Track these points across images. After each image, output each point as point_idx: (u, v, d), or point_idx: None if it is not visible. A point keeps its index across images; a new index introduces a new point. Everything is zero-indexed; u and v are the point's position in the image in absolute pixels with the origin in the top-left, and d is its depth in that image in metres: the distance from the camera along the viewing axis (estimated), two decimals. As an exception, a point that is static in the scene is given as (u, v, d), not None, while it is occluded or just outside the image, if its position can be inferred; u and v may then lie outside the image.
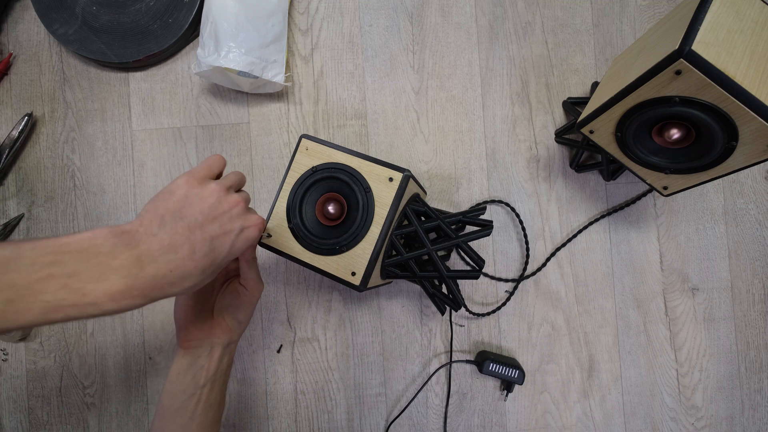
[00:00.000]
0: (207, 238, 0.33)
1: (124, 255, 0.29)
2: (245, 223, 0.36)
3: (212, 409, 0.42)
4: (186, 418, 0.40)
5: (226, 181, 0.37)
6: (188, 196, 0.34)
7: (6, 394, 0.58)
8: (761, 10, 0.42)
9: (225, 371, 0.44)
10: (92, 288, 0.28)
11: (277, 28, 0.57)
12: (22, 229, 0.59)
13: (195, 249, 0.32)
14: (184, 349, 0.42)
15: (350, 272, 0.43)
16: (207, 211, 0.34)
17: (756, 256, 0.63)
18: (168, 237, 0.31)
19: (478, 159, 0.62)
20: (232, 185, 0.38)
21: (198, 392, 0.41)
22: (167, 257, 0.31)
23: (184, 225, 0.32)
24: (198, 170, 0.36)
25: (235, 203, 0.36)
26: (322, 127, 0.62)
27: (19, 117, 0.59)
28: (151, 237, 0.31)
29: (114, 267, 0.29)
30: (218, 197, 0.35)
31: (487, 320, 0.62)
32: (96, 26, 0.58)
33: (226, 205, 0.35)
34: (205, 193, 0.34)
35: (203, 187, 0.35)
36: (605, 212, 0.63)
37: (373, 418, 0.60)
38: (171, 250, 0.31)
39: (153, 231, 0.31)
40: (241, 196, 0.38)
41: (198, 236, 0.33)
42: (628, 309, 0.62)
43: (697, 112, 0.40)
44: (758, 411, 0.63)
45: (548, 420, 0.62)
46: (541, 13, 0.63)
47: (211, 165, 0.38)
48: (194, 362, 0.41)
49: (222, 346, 0.43)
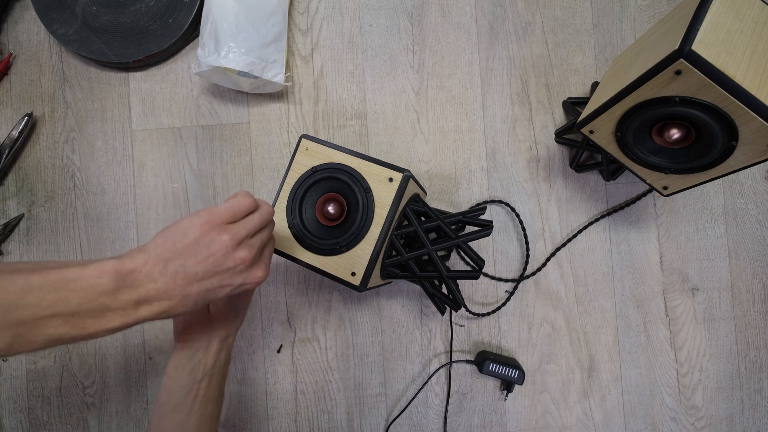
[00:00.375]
0: (203, 291, 0.34)
1: (124, 297, 0.31)
2: (246, 279, 0.36)
3: (210, 404, 0.42)
4: (184, 413, 0.40)
5: (241, 231, 0.35)
6: (198, 243, 0.33)
7: (6, 394, 0.59)
8: (761, 10, 0.42)
9: (223, 366, 0.44)
10: (91, 324, 0.30)
11: (277, 28, 0.57)
12: (22, 229, 0.59)
13: (188, 299, 0.34)
14: (181, 344, 0.42)
15: (350, 272, 0.43)
16: (210, 267, 0.34)
17: (756, 256, 0.63)
18: (165, 286, 0.33)
19: (478, 159, 0.62)
20: (248, 234, 0.36)
21: (195, 387, 0.41)
22: (161, 303, 0.33)
23: (183, 276, 0.33)
24: (219, 213, 0.35)
25: (241, 261, 0.35)
26: (322, 127, 0.62)
27: (19, 117, 0.59)
28: (150, 282, 0.32)
29: (114, 308, 0.31)
30: (226, 253, 0.34)
31: (487, 320, 0.62)
32: (96, 26, 0.58)
33: (231, 263, 0.34)
34: (214, 246, 0.34)
35: (216, 236, 0.34)
36: (605, 212, 0.63)
37: (373, 418, 0.60)
38: (166, 298, 0.33)
39: (154, 277, 0.32)
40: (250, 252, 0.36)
41: (194, 289, 0.34)
42: (628, 309, 0.62)
43: (697, 112, 0.40)
44: (758, 411, 0.63)
45: (548, 420, 0.62)
46: (541, 13, 0.63)
47: (236, 211, 0.36)
48: (192, 357, 0.41)
49: (219, 340, 0.43)
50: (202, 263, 0.33)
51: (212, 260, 0.34)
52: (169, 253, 0.33)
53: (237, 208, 0.36)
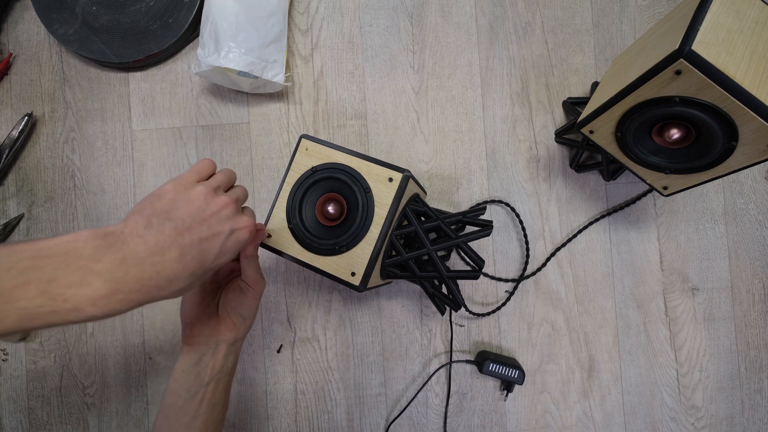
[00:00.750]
0: (195, 240, 0.32)
1: (107, 258, 0.28)
2: (235, 225, 0.36)
3: (216, 408, 0.42)
4: (190, 416, 0.40)
5: (212, 182, 0.36)
6: (175, 199, 0.33)
7: (6, 394, 0.59)
8: (761, 10, 0.42)
9: (230, 370, 0.44)
10: (73, 293, 0.26)
11: (277, 28, 0.57)
12: (22, 229, 0.59)
13: (183, 252, 0.31)
14: (189, 346, 0.41)
15: (350, 272, 0.43)
16: (195, 214, 0.33)
17: (756, 256, 0.63)
18: (154, 238, 0.30)
19: (478, 159, 0.62)
20: (220, 185, 0.37)
21: (202, 390, 0.41)
22: (153, 259, 0.30)
23: (171, 227, 0.31)
24: (185, 175, 0.36)
25: (223, 205, 0.35)
26: (322, 127, 0.62)
27: (19, 117, 0.59)
28: (136, 238, 0.30)
29: (96, 271, 0.27)
30: (205, 199, 0.34)
31: (487, 320, 0.62)
32: (96, 26, 0.58)
33: (215, 207, 0.34)
34: (192, 196, 0.34)
35: (190, 190, 0.34)
36: (605, 212, 0.63)
37: (373, 418, 0.60)
38: (158, 252, 0.30)
39: (139, 232, 0.30)
40: (230, 197, 0.37)
41: (186, 239, 0.32)
42: (628, 309, 0.62)
43: (697, 112, 0.40)
44: (758, 411, 0.63)
45: (548, 420, 0.62)
46: (541, 13, 0.63)
47: (199, 170, 0.37)
48: (199, 360, 0.41)
49: (227, 344, 0.42)
50: (185, 212, 0.33)
51: (195, 207, 0.33)
52: (148, 211, 0.32)
53: (199, 168, 0.37)
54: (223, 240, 0.34)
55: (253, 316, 0.45)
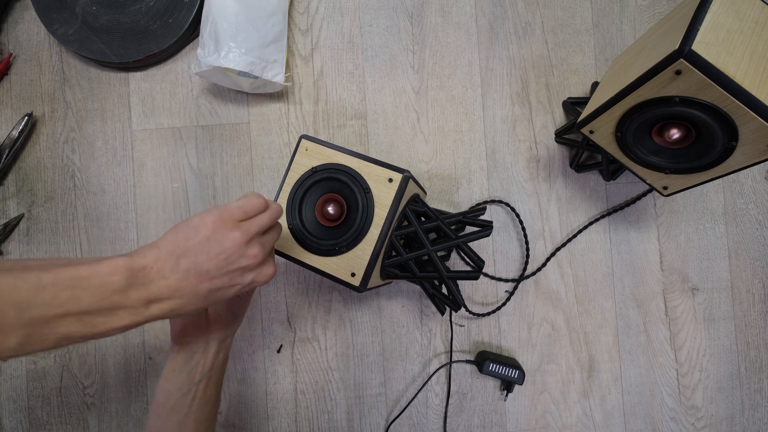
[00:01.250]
0: (213, 289, 0.34)
1: (135, 295, 0.31)
2: (256, 278, 0.36)
3: (208, 405, 0.42)
4: (182, 414, 0.40)
5: (252, 228, 0.36)
6: (210, 240, 0.33)
7: (6, 394, 0.59)
8: (761, 10, 0.42)
9: (220, 367, 0.44)
10: (102, 322, 0.30)
11: (277, 28, 0.57)
12: (22, 229, 0.59)
13: (198, 297, 0.34)
14: (179, 346, 0.41)
15: (350, 273, 0.43)
16: (222, 264, 0.34)
17: (756, 256, 0.63)
18: (177, 283, 0.33)
19: (478, 159, 0.62)
20: (260, 230, 0.36)
21: (194, 389, 0.41)
22: (172, 301, 0.33)
23: (195, 273, 0.33)
24: (231, 212, 0.35)
25: (253, 258, 0.35)
26: (322, 127, 0.62)
27: (19, 117, 0.59)
28: (161, 280, 0.32)
29: (125, 306, 0.31)
30: (238, 250, 0.34)
31: (487, 320, 0.62)
32: (96, 26, 0.58)
33: (244, 261, 0.35)
34: (226, 243, 0.34)
35: (228, 233, 0.34)
36: (605, 212, 0.63)
37: (373, 418, 0.60)
38: (176, 296, 0.33)
39: (165, 274, 0.32)
40: (262, 249, 0.36)
41: (204, 287, 0.34)
42: (628, 309, 0.62)
43: (697, 112, 0.40)
44: (758, 411, 0.63)
45: (548, 420, 0.62)
46: (541, 13, 0.63)
47: (247, 210, 0.36)
48: (190, 359, 0.41)
49: (218, 342, 0.42)
50: (213, 260, 0.33)
51: (224, 257, 0.34)
52: (180, 249, 0.33)
53: (249, 207, 0.36)
54: (239, 289, 0.36)
55: (243, 313, 0.45)
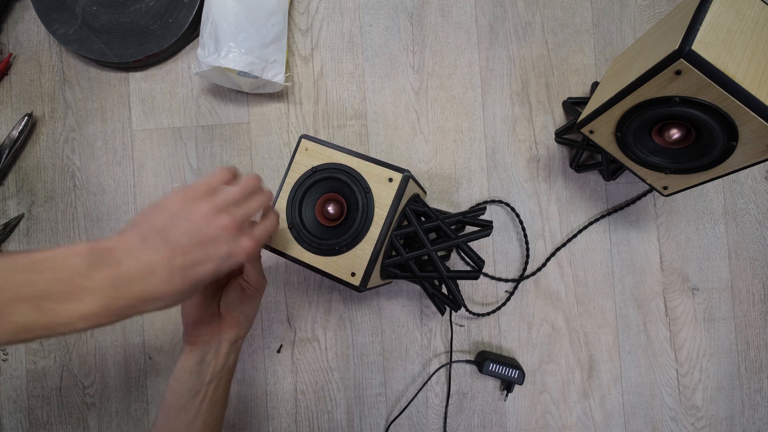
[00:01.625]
0: (187, 262, 0.31)
1: (99, 276, 0.28)
2: (232, 249, 0.34)
3: (217, 406, 0.42)
4: (191, 415, 0.40)
5: (219, 199, 0.34)
6: (176, 214, 0.32)
7: (6, 394, 0.59)
8: (761, 10, 0.42)
9: (230, 368, 0.44)
10: (64, 309, 0.27)
11: (277, 28, 0.57)
12: (22, 229, 0.59)
13: (173, 273, 0.31)
14: (192, 346, 0.41)
15: (350, 273, 0.43)
16: (192, 234, 0.32)
17: (756, 256, 0.63)
18: (146, 259, 0.30)
19: (478, 159, 0.62)
20: (228, 201, 0.35)
21: (204, 389, 0.41)
22: (143, 279, 0.30)
23: (165, 247, 0.31)
24: (195, 187, 0.34)
25: (223, 228, 0.33)
26: (322, 127, 0.62)
27: (19, 117, 0.59)
28: (129, 257, 0.30)
29: (88, 288, 0.28)
30: (206, 220, 0.33)
31: (487, 320, 0.62)
32: (96, 26, 0.58)
33: (214, 230, 0.33)
34: (193, 214, 0.33)
35: (194, 206, 0.33)
36: (605, 212, 0.63)
37: (373, 418, 0.60)
38: (148, 273, 0.30)
39: (132, 251, 0.30)
40: (233, 218, 0.34)
41: (178, 261, 0.31)
42: (628, 309, 0.62)
43: (697, 112, 0.40)
44: (758, 411, 0.63)
45: (548, 420, 0.62)
46: (541, 13, 0.63)
47: (210, 182, 0.35)
48: (202, 359, 0.41)
49: (229, 343, 0.43)
50: (183, 233, 0.32)
51: (193, 228, 0.32)
52: (148, 227, 0.31)
53: (211, 180, 0.35)
54: (217, 263, 0.33)
55: (254, 315, 0.45)
